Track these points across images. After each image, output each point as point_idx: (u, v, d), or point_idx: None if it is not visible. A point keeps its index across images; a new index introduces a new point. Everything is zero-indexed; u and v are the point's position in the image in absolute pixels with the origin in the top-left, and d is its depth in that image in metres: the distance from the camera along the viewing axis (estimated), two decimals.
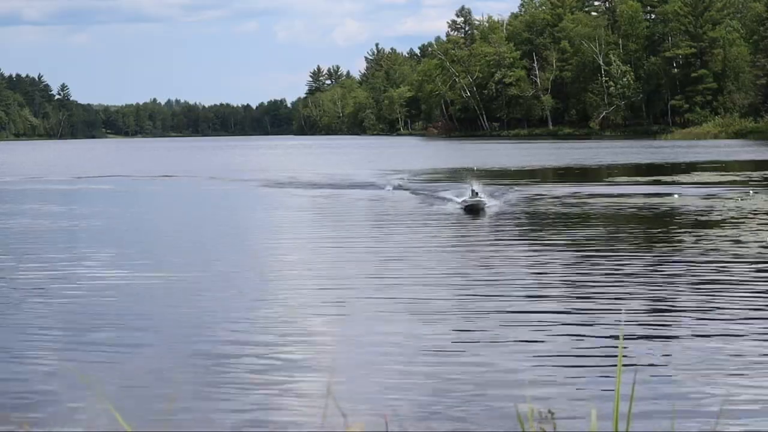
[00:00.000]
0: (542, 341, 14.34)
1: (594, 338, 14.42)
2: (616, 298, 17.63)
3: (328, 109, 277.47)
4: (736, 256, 22.42)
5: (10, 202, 46.10)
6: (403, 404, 11.23)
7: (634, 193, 42.89)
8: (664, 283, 19.19)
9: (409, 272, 20.88)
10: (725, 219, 30.52)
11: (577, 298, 17.83)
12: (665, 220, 31.46)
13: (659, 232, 28.07)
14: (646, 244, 25.36)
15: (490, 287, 18.87)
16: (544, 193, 44.24)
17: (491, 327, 15.37)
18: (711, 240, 25.47)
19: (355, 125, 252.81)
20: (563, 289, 18.73)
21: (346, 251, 25.45)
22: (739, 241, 24.90)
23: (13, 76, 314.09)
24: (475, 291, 18.52)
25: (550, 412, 4.14)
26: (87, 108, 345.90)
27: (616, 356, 13.07)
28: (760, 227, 27.95)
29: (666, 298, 17.59)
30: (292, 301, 18.24)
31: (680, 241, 25.54)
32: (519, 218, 33.29)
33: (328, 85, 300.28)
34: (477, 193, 35.09)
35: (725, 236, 26.09)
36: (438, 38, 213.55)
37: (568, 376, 12.39)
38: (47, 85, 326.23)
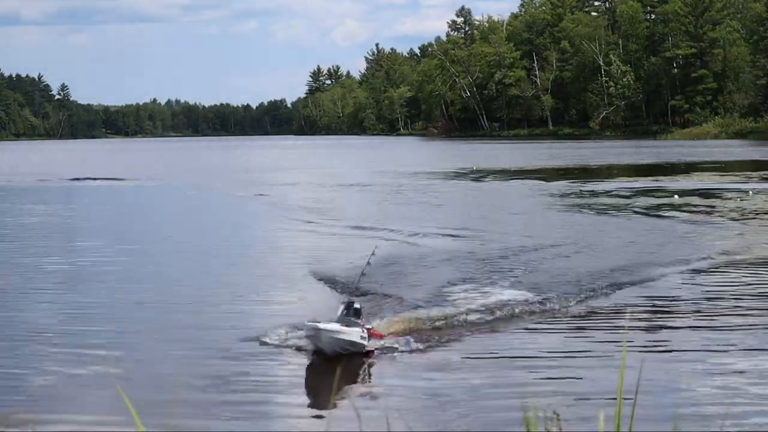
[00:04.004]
0: (546, 342, 14.36)
1: (597, 339, 14.44)
2: (618, 299, 17.65)
3: (328, 109, 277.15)
4: (737, 256, 22.43)
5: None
6: (406, 405, 11.24)
7: (634, 192, 42.86)
8: (665, 284, 19.20)
9: (410, 272, 20.89)
10: (725, 219, 30.52)
11: (580, 299, 17.84)
12: (665, 220, 31.43)
13: (659, 232, 28.06)
14: (646, 245, 25.34)
15: (493, 287, 18.88)
16: (541, 185, 44.25)
17: (495, 328, 15.38)
18: (711, 240, 25.48)
19: (355, 125, 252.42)
20: (565, 290, 18.74)
21: (349, 251, 25.45)
22: (738, 241, 24.91)
23: (13, 76, 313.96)
24: (479, 291, 18.54)
25: (555, 413, 4.17)
26: (87, 108, 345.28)
27: (619, 357, 13.09)
28: (760, 227, 27.97)
29: (668, 299, 17.61)
30: (293, 300, 18.27)
31: (680, 242, 25.54)
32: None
33: (328, 85, 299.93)
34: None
35: (725, 236, 26.10)
36: (438, 38, 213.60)
37: (572, 378, 12.41)
38: (47, 85, 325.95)
